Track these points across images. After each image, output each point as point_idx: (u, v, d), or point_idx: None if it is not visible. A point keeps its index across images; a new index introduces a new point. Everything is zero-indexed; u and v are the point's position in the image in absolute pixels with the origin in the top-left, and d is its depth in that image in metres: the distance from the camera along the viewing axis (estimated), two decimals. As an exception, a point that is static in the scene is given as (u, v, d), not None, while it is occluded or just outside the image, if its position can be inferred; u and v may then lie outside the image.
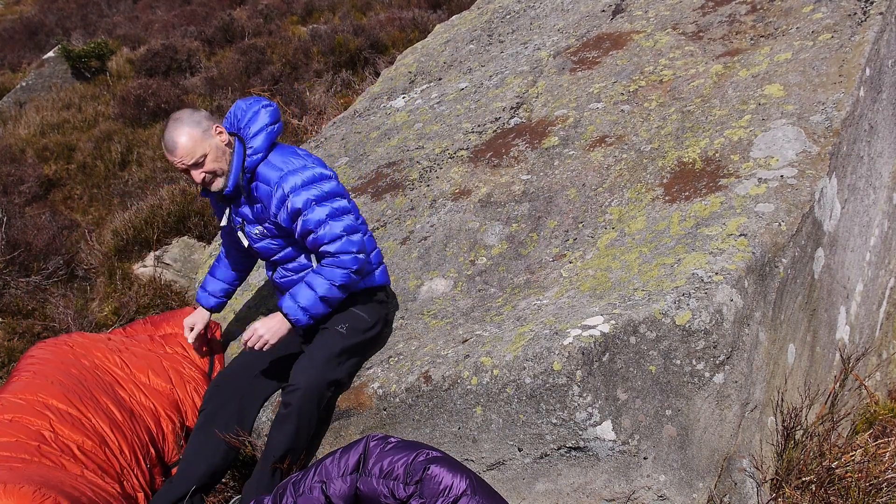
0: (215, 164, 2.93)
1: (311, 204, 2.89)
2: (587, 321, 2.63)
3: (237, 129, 3.04)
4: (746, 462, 2.64)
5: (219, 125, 2.96)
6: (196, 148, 2.88)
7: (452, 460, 2.33)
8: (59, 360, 3.17)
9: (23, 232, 6.25)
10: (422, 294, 3.40)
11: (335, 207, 2.92)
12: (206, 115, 2.97)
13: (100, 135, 8.86)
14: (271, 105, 3.06)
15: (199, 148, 2.89)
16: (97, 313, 5.41)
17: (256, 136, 2.98)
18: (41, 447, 2.71)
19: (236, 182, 2.97)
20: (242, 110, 3.05)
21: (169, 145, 2.90)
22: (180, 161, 2.89)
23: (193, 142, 2.88)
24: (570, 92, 4.23)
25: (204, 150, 2.89)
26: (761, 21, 4.12)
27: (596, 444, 2.54)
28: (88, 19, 14.37)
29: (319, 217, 2.89)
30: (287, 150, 3.06)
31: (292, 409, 2.80)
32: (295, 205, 2.89)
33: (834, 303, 3.23)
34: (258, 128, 2.99)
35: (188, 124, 2.90)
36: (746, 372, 2.65)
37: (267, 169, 2.97)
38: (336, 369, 2.89)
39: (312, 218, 2.88)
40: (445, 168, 4.05)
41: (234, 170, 2.96)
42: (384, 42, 10.44)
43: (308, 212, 2.89)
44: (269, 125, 3.00)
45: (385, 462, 2.30)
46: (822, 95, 3.38)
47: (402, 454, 2.31)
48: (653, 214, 3.18)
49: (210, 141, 2.91)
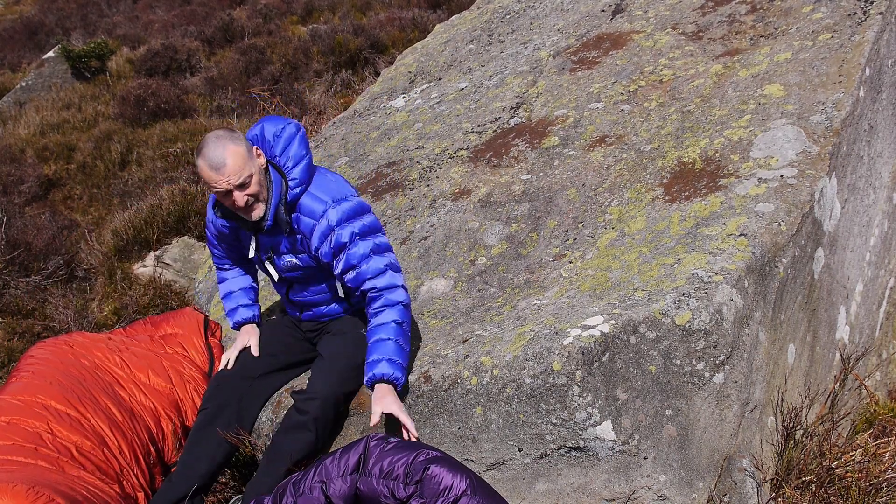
0: (258, 187, 2.73)
1: (355, 238, 2.76)
2: (587, 321, 2.63)
3: (269, 155, 2.83)
4: (746, 462, 2.64)
5: (257, 147, 2.78)
6: (244, 167, 2.67)
7: (452, 460, 2.33)
8: (58, 360, 3.17)
9: (23, 232, 6.26)
10: (422, 294, 3.41)
11: (378, 243, 2.80)
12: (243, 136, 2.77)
13: (100, 135, 8.87)
14: (302, 129, 2.88)
15: (246, 167, 2.67)
16: (97, 313, 5.42)
17: (296, 166, 2.79)
18: (38, 449, 2.71)
19: (276, 213, 2.79)
20: (275, 135, 2.84)
21: (215, 163, 2.65)
22: (226, 180, 2.66)
23: (242, 160, 2.67)
24: (570, 92, 4.23)
25: (250, 170, 2.69)
26: (761, 21, 4.12)
27: (596, 443, 2.54)
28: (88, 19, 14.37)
29: (364, 252, 2.76)
30: (322, 176, 2.89)
31: (310, 418, 2.77)
32: (340, 239, 2.75)
33: (834, 303, 3.23)
34: (297, 157, 2.80)
35: (233, 142, 2.69)
36: (746, 372, 2.65)
37: (309, 200, 2.79)
38: (355, 379, 2.88)
39: (356, 252, 2.75)
40: (445, 168, 4.05)
41: (273, 201, 2.77)
42: (384, 42, 10.45)
43: (352, 246, 2.76)
44: (306, 154, 2.83)
45: (385, 462, 2.30)
46: (822, 95, 3.38)
47: (402, 454, 2.31)
48: (653, 214, 3.18)
49: (255, 161, 2.73)
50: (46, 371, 3.07)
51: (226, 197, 2.72)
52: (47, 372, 3.06)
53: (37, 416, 2.83)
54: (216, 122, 8.91)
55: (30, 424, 2.80)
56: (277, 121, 2.88)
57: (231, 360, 3.11)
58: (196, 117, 9.21)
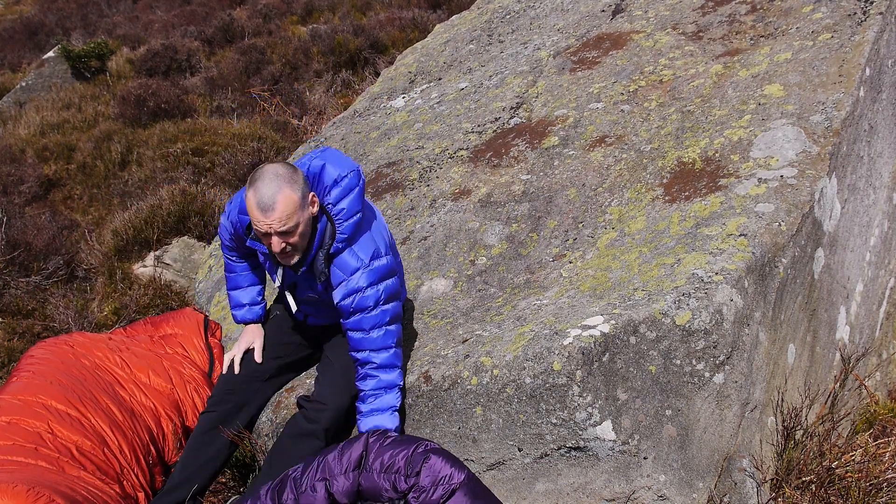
0: (301, 238, 2.61)
1: (379, 303, 2.67)
2: (587, 321, 2.63)
3: (319, 193, 2.67)
4: (746, 462, 2.64)
5: (314, 194, 2.62)
6: (293, 215, 2.53)
7: (451, 454, 2.36)
8: (59, 360, 3.17)
9: (23, 232, 6.26)
10: (422, 294, 3.41)
11: (394, 314, 2.72)
12: (305, 179, 2.59)
13: (100, 135, 8.87)
14: (362, 179, 2.72)
15: (295, 216, 2.53)
16: (97, 313, 5.42)
17: (347, 220, 2.66)
18: (38, 449, 2.71)
19: (310, 265, 2.71)
20: (335, 181, 2.66)
21: (264, 203, 2.49)
22: (269, 224, 2.52)
23: (293, 207, 2.52)
24: (570, 92, 4.23)
25: (298, 219, 2.54)
26: (761, 21, 4.12)
27: (596, 443, 2.54)
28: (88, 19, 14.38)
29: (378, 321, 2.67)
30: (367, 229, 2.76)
31: (320, 428, 2.77)
32: (365, 302, 2.66)
33: (834, 303, 3.23)
34: (350, 211, 2.66)
35: (290, 186, 2.52)
36: (746, 372, 2.65)
37: (348, 256, 2.69)
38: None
39: (368, 322, 2.67)
40: (445, 168, 4.05)
41: (314, 248, 2.67)
42: (384, 42, 10.45)
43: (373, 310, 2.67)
44: (360, 211, 2.69)
45: (385, 456, 2.31)
46: (822, 95, 3.38)
47: (402, 447, 2.33)
48: (653, 214, 3.18)
49: (306, 212, 2.57)
50: (47, 371, 3.07)
51: (264, 237, 2.59)
52: (48, 372, 3.06)
53: (37, 416, 2.83)
54: (216, 121, 8.92)
55: (30, 424, 2.80)
56: (341, 165, 2.70)
57: (236, 360, 3.09)
58: (196, 117, 9.21)
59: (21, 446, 2.69)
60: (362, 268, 2.66)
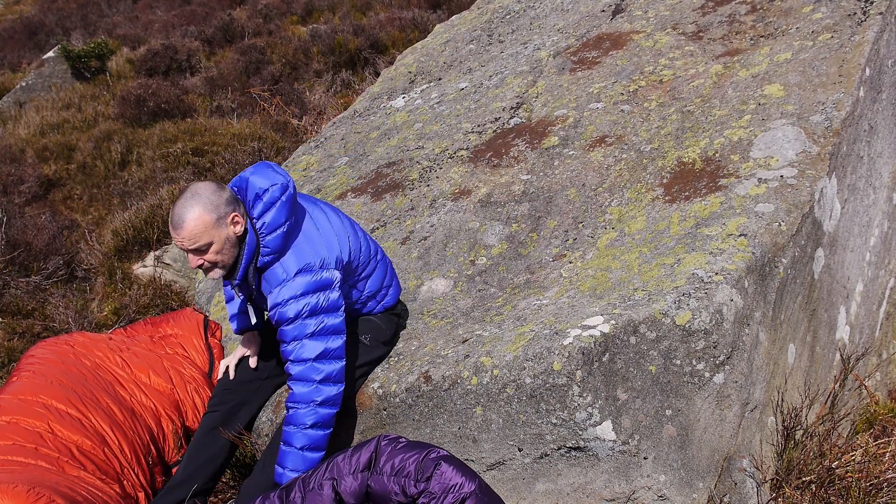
0: (218, 256, 2.64)
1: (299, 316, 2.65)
2: (587, 321, 2.63)
3: (248, 209, 2.70)
4: (746, 462, 2.64)
5: (237, 214, 2.64)
6: (202, 235, 2.58)
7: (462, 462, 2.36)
8: (59, 359, 3.17)
9: (23, 232, 6.26)
10: (422, 294, 3.41)
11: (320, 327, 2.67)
12: (228, 199, 2.63)
13: (100, 135, 8.87)
14: (288, 191, 2.70)
15: (205, 235, 2.58)
16: (97, 313, 5.42)
17: (272, 234, 2.66)
18: (39, 449, 2.71)
19: (244, 276, 2.72)
20: (256, 195, 2.68)
21: (175, 221, 2.59)
22: (180, 242, 2.60)
23: (202, 227, 2.57)
24: (570, 92, 4.23)
25: (210, 239, 2.60)
26: (761, 21, 4.12)
27: (596, 444, 2.54)
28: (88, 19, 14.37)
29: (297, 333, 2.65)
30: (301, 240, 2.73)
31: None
32: (283, 316, 2.65)
33: (834, 303, 3.23)
34: (273, 224, 2.66)
35: (203, 206, 2.58)
36: (746, 372, 2.65)
37: (278, 268, 2.69)
38: (354, 383, 2.91)
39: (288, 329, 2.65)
40: (445, 168, 4.05)
41: (243, 264, 2.69)
42: (384, 42, 10.45)
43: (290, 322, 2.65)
44: (285, 222, 2.68)
45: (396, 460, 2.31)
46: (822, 95, 3.38)
47: (414, 452, 2.33)
48: (653, 214, 3.19)
49: (221, 231, 2.61)
50: (47, 370, 3.07)
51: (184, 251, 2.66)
52: (48, 371, 3.06)
53: (37, 416, 2.84)
54: (216, 121, 8.91)
55: (30, 424, 2.80)
56: (266, 176, 2.70)
57: (231, 368, 3.09)
58: (196, 117, 9.20)
59: (21, 446, 2.70)
60: (285, 281, 2.65)
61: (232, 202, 2.65)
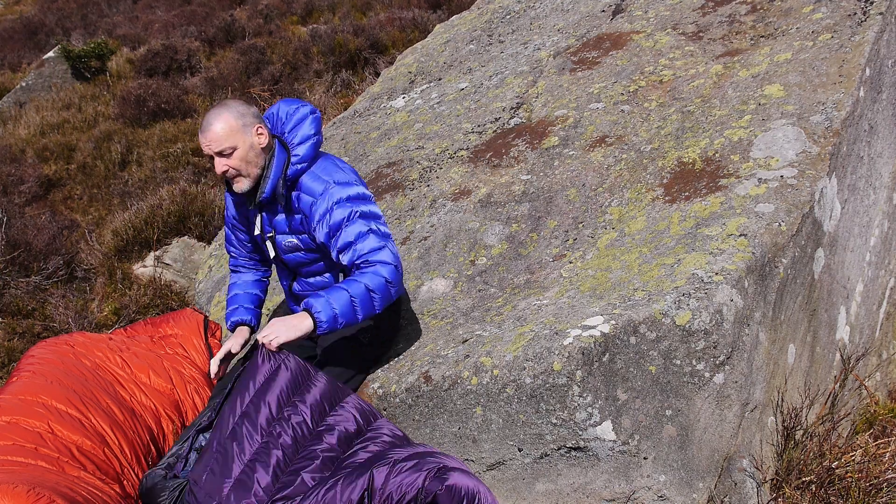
0: (242, 162, 2.80)
1: (354, 217, 2.77)
2: (587, 321, 2.63)
3: (279, 131, 2.91)
4: (746, 462, 2.64)
5: (262, 126, 2.83)
6: (228, 138, 2.77)
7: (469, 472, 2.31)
8: (59, 359, 3.17)
9: (23, 232, 6.26)
10: (422, 294, 3.41)
11: (375, 229, 2.79)
12: (254, 112, 2.85)
13: (100, 135, 8.87)
14: (316, 112, 2.94)
15: (230, 139, 2.77)
16: (97, 313, 5.42)
17: (302, 144, 2.85)
18: (38, 449, 2.71)
19: (274, 189, 2.84)
20: (288, 114, 2.91)
21: (203, 125, 2.81)
22: (207, 145, 2.79)
23: (228, 131, 2.77)
24: (570, 92, 4.23)
25: (234, 143, 2.77)
26: (761, 21, 4.12)
27: (596, 444, 2.54)
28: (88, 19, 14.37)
29: (360, 230, 2.76)
30: (330, 160, 2.92)
31: None
32: (336, 218, 2.77)
33: (834, 303, 3.23)
34: (304, 136, 2.86)
35: (231, 113, 2.80)
36: (746, 372, 2.65)
37: (310, 179, 2.83)
38: (354, 379, 2.92)
39: (353, 230, 2.76)
40: (445, 168, 4.05)
41: (273, 175, 2.82)
42: (384, 42, 10.45)
43: (350, 224, 2.76)
44: (315, 135, 2.88)
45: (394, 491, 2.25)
46: (822, 95, 3.38)
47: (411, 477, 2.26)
48: (653, 214, 3.19)
49: (246, 138, 2.79)
50: (47, 370, 3.07)
51: (211, 161, 2.85)
52: (48, 371, 3.06)
53: (37, 416, 2.83)
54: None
55: (30, 424, 2.80)
56: (294, 101, 2.96)
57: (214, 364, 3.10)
58: (196, 117, 9.21)
59: (21, 446, 2.69)
60: (328, 187, 2.80)
61: (258, 116, 2.85)
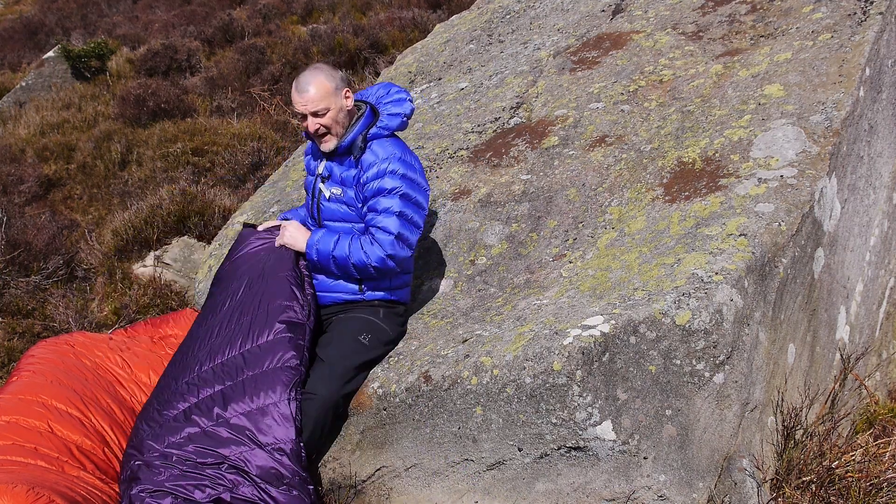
0: (332, 122, 3.06)
1: (395, 193, 2.99)
2: (587, 321, 2.63)
3: (375, 101, 3.19)
4: (746, 462, 2.64)
5: (349, 90, 3.11)
6: (324, 99, 3.03)
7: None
8: (59, 359, 3.17)
9: (23, 232, 6.26)
10: (422, 294, 3.41)
11: (405, 213, 3.01)
12: (342, 77, 3.12)
13: (100, 135, 8.87)
14: (413, 104, 3.22)
15: (325, 101, 3.03)
16: (97, 313, 5.42)
17: (392, 116, 3.13)
18: (38, 449, 2.71)
19: (353, 141, 3.08)
20: (390, 91, 3.21)
21: (300, 87, 3.05)
22: (304, 105, 3.04)
23: (324, 92, 3.03)
24: (570, 92, 4.23)
25: (328, 104, 3.03)
26: (761, 21, 4.12)
27: (596, 443, 2.54)
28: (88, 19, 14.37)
29: (391, 206, 2.98)
30: (406, 147, 3.17)
31: (309, 417, 2.79)
32: (384, 184, 2.99)
33: (834, 303, 3.23)
34: (396, 112, 3.14)
35: (325, 75, 3.06)
36: (746, 372, 2.65)
37: (382, 145, 3.08)
38: (354, 380, 2.92)
39: (387, 203, 2.98)
40: (445, 168, 4.05)
41: (355, 130, 3.09)
42: (384, 42, 10.45)
43: (389, 197, 2.99)
44: (404, 116, 3.15)
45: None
46: (822, 95, 3.38)
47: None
48: (653, 214, 3.19)
49: (337, 100, 3.05)
50: (47, 370, 3.07)
51: (303, 119, 3.10)
52: (48, 371, 3.06)
53: (37, 416, 2.84)
54: (216, 121, 8.92)
55: (30, 424, 2.80)
56: (398, 87, 3.24)
57: (263, 226, 3.44)
58: (196, 117, 9.20)
59: (21, 446, 2.69)
60: (393, 156, 3.04)
61: (345, 80, 3.12)
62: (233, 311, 3.03)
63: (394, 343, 3.07)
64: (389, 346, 3.05)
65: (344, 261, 3.01)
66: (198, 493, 2.57)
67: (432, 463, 2.79)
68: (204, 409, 2.75)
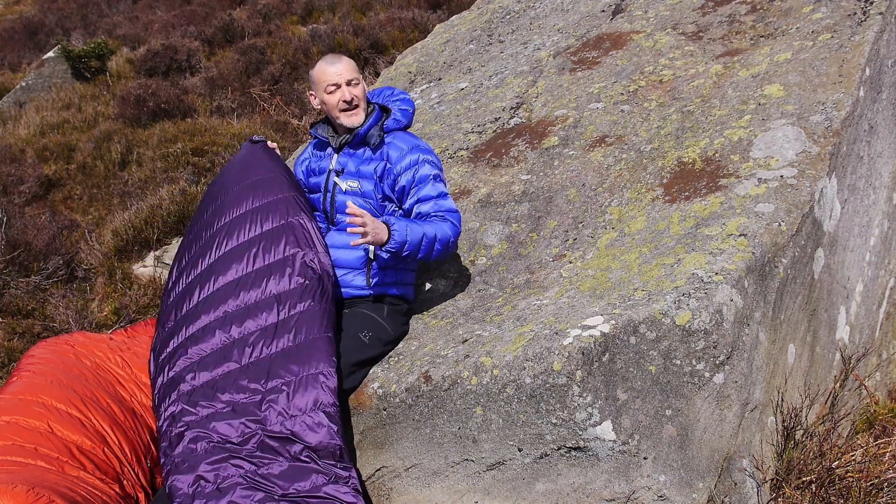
0: (362, 94, 3.19)
1: (437, 179, 3.12)
2: (587, 321, 2.63)
3: (382, 100, 3.34)
4: (746, 462, 2.64)
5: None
6: (354, 70, 3.19)
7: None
8: (59, 359, 3.17)
9: (23, 232, 6.26)
10: (422, 294, 3.41)
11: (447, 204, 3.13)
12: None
13: (100, 135, 8.87)
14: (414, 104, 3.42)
15: (355, 72, 3.20)
16: (97, 313, 5.42)
17: (402, 110, 3.29)
18: (38, 449, 2.71)
19: (369, 129, 3.18)
20: (394, 91, 3.40)
21: (331, 60, 3.20)
22: (339, 75, 3.14)
23: (353, 66, 3.21)
24: (570, 92, 4.23)
25: (358, 77, 3.19)
26: (761, 21, 4.12)
27: (596, 444, 2.54)
28: (88, 19, 14.37)
29: (442, 190, 3.11)
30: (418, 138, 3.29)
31: None
32: (424, 172, 3.09)
33: (834, 303, 3.23)
34: (405, 107, 3.31)
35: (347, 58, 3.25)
36: (746, 372, 2.65)
37: (402, 137, 3.20)
38: (351, 377, 2.92)
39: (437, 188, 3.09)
40: (445, 168, 4.05)
41: (371, 120, 3.19)
42: (384, 42, 10.45)
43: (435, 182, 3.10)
44: (412, 110, 3.35)
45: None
46: (822, 95, 3.38)
47: None
48: (653, 214, 3.19)
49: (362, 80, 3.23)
50: (48, 370, 3.07)
51: (335, 91, 3.15)
52: (48, 371, 3.06)
53: (37, 416, 2.83)
54: (216, 121, 8.92)
55: (30, 424, 2.80)
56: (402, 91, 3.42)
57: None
58: (196, 117, 9.21)
59: (21, 446, 2.69)
60: (419, 146, 3.17)
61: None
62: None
63: (394, 343, 3.07)
64: (389, 347, 3.05)
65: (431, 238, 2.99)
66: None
67: (432, 463, 2.79)
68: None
